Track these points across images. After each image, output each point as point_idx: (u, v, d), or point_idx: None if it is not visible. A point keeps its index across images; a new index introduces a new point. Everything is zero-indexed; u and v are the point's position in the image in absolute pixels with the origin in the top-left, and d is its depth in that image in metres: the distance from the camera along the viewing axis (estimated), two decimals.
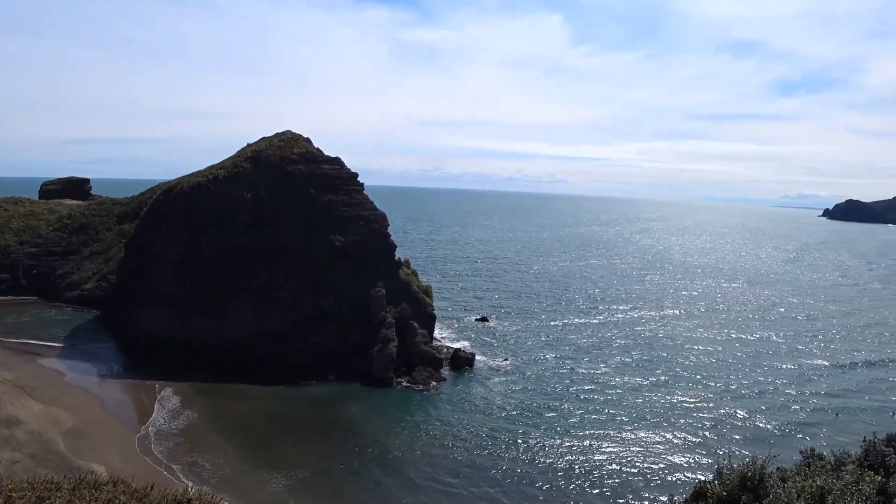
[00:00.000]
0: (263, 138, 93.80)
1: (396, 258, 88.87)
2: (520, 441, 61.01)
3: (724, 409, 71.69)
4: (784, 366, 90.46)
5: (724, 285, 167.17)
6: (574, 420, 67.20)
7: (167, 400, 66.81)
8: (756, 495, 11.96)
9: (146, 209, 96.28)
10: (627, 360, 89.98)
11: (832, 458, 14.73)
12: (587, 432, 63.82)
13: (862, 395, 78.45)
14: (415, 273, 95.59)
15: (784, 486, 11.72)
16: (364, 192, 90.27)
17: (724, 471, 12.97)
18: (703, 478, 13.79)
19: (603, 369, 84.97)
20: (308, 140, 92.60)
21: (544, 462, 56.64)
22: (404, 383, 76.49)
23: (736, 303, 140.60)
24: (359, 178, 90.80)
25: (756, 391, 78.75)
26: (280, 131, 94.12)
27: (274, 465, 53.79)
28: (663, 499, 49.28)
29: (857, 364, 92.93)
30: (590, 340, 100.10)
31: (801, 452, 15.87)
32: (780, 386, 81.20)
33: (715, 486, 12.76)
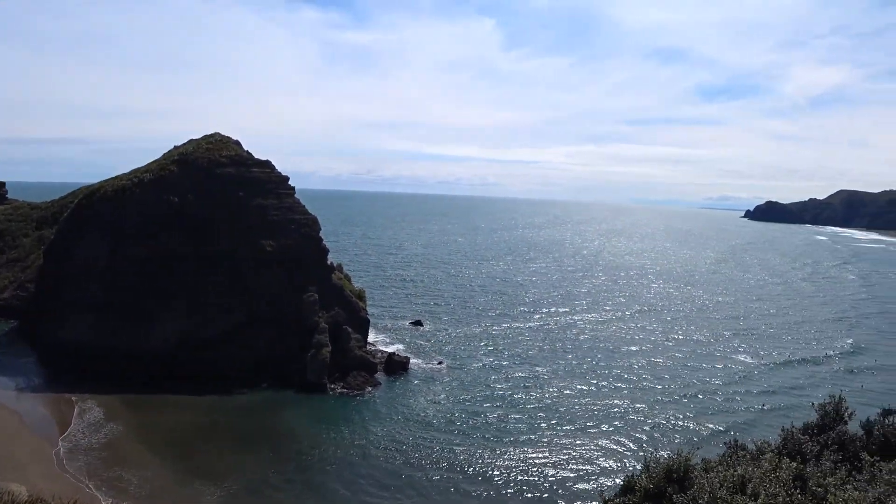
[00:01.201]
0: (191, 140, 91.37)
1: (329, 262, 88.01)
2: (455, 446, 61.01)
3: (657, 409, 73.44)
4: (716, 365, 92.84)
5: (657, 287, 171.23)
6: (509, 424, 67.59)
7: (90, 413, 64.20)
8: (681, 486, 12.29)
9: (67, 214, 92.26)
10: (562, 362, 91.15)
11: (753, 448, 15.27)
12: (522, 436, 64.23)
13: (789, 391, 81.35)
14: (348, 277, 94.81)
15: (707, 477, 12.10)
16: (295, 195, 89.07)
17: (651, 464, 13.27)
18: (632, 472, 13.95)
19: (537, 371, 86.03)
20: (237, 143, 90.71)
21: (479, 467, 56.65)
22: (339, 389, 75.68)
23: (669, 304, 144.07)
24: (290, 182, 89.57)
25: (688, 390, 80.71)
26: (208, 133, 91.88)
27: (206, 476, 52.36)
28: (595, 496, 50.38)
29: (785, 361, 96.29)
30: (524, 343, 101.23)
31: (725, 444, 16.39)
32: (712, 384, 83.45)
33: (642, 479, 13.08)
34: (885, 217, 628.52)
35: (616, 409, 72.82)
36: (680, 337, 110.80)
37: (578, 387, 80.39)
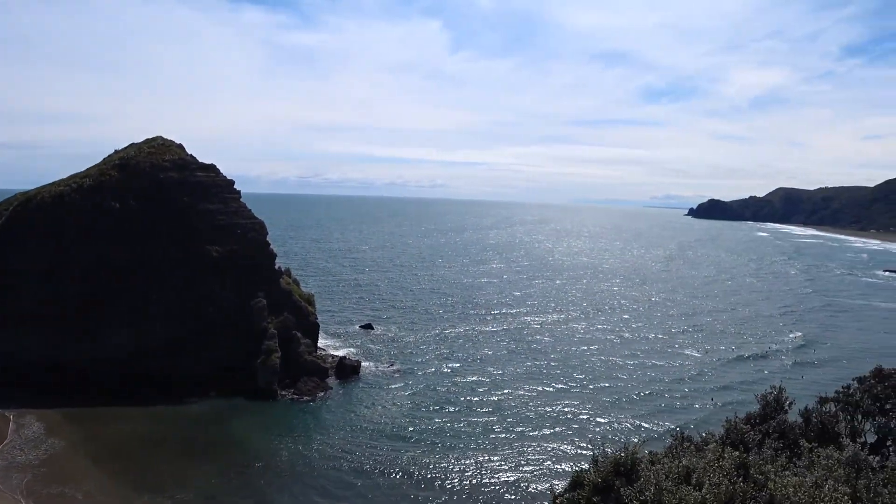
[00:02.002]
0: (132, 144, 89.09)
1: (277, 267, 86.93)
2: (407, 451, 60.63)
3: (609, 408, 74.09)
4: (670, 362, 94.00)
5: (608, 286, 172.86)
6: (462, 427, 67.48)
7: (29, 428, 61.79)
8: (629, 479, 12.57)
9: (2, 222, 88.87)
10: (515, 364, 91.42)
11: (699, 440, 15.71)
12: (475, 439, 64.18)
13: (740, 386, 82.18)
14: (296, 282, 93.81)
15: (653, 469, 12.40)
16: (241, 199, 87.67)
17: (599, 459, 13.53)
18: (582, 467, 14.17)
19: (490, 373, 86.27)
20: (181, 146, 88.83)
21: (432, 473, 56.20)
22: (289, 395, 74.77)
23: (621, 303, 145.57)
24: (235, 186, 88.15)
25: (640, 389, 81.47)
26: (150, 137, 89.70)
27: (154, 489, 51.10)
28: (541, 486, 50.98)
29: (737, 357, 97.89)
30: (477, 345, 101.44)
31: (671, 436, 16.80)
32: (665, 382, 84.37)
33: (590, 473, 13.33)
34: (821, 213, 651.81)
35: (569, 409, 73.29)
36: (633, 335, 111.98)
37: (532, 388, 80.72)
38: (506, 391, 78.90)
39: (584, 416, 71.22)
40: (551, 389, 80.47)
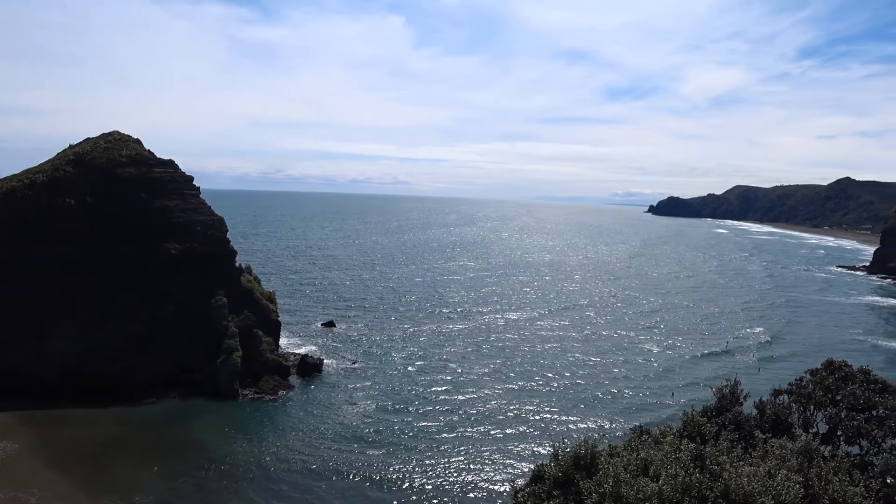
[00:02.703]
0: (88, 139, 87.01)
1: (237, 265, 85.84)
2: (369, 450, 60.49)
3: (573, 404, 74.68)
4: (636, 359, 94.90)
5: (573, 283, 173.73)
6: (424, 424, 67.47)
7: None
8: (588, 473, 12.69)
9: None
10: (477, 361, 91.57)
11: (657, 433, 15.92)
12: (437, 436, 64.23)
13: (706, 381, 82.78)
14: (257, 279, 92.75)
15: (612, 462, 12.56)
16: (201, 196, 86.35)
17: (559, 453, 13.64)
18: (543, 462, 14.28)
19: (453, 370, 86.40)
20: (138, 141, 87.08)
21: (395, 473, 55.99)
22: (251, 394, 73.96)
23: (586, 300, 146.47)
24: (195, 182, 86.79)
25: (605, 386, 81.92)
26: (107, 132, 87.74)
27: (112, 492, 50.13)
28: (504, 486, 51.14)
29: (703, 354, 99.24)
30: (439, 342, 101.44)
31: (630, 430, 17.02)
32: (630, 379, 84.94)
33: (551, 467, 13.43)
34: (777, 210, 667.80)
35: (533, 408, 73.34)
36: (597, 333, 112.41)
37: (496, 386, 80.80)
38: (469, 390, 78.82)
39: (548, 415, 71.35)
40: (515, 388, 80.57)
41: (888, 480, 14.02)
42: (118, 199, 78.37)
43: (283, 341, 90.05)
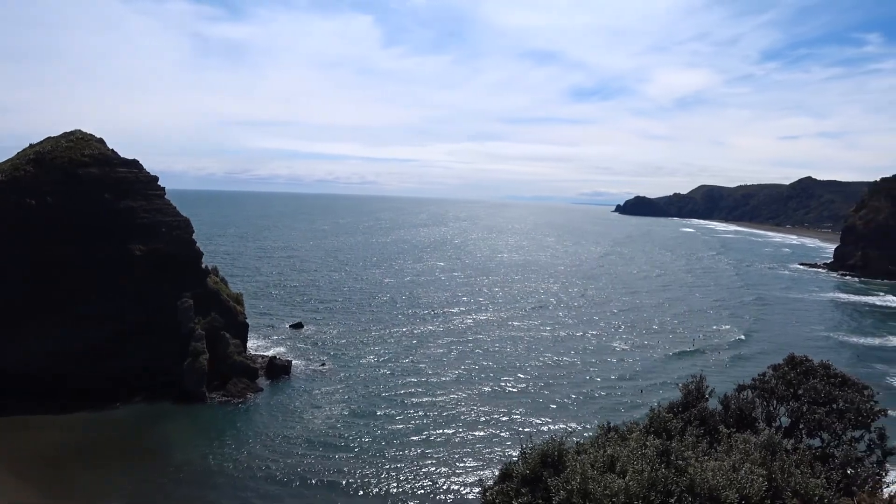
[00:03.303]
0: (49, 138, 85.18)
1: (203, 266, 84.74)
2: (338, 452, 59.96)
3: (543, 406, 74.36)
4: (606, 360, 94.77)
5: (545, 283, 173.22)
6: (392, 425, 67.14)
7: None
8: (556, 470, 12.74)
9: None
10: (447, 362, 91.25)
11: (624, 429, 16.07)
12: (406, 438, 63.87)
13: (675, 381, 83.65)
14: (224, 281, 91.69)
15: (579, 459, 12.63)
16: (166, 196, 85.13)
17: (527, 451, 13.68)
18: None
19: (422, 371, 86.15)
20: (101, 140, 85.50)
21: (364, 478, 55.43)
22: (218, 397, 73.07)
23: (557, 300, 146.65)
24: (160, 182, 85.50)
25: (575, 388, 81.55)
26: (68, 130, 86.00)
27: (78, 498, 49.34)
28: (475, 489, 51.05)
29: (676, 353, 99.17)
30: (410, 344, 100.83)
31: (598, 427, 17.15)
32: (601, 380, 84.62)
33: (519, 465, 13.47)
34: (741, 209, 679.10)
35: (503, 409, 72.83)
36: (568, 333, 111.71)
37: (465, 386, 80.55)
38: (439, 392, 78.37)
39: (518, 416, 70.89)
40: (486, 389, 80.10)
41: (848, 471, 14.33)
42: (80, 199, 76.88)
43: (251, 343, 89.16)
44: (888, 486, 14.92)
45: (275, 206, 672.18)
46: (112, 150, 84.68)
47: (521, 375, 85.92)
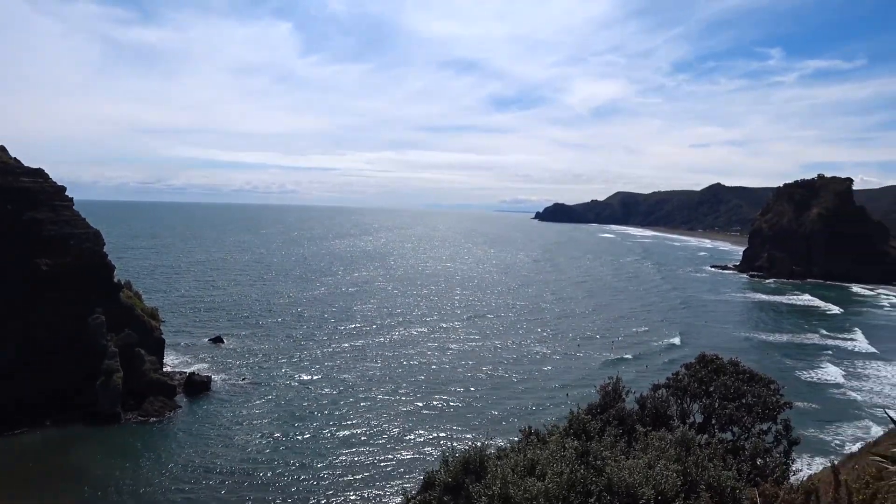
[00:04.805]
0: None
1: (116, 280, 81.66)
2: (260, 471, 58.53)
3: (471, 416, 74.21)
4: (538, 368, 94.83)
5: (471, 293, 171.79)
6: (316, 440, 66.08)
7: None
8: (478, 476, 12.78)
9: None
10: (372, 374, 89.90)
11: (544, 433, 16.25)
12: (329, 452, 62.96)
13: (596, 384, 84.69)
14: (138, 295, 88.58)
15: (500, 464, 12.70)
16: (74, 207, 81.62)
17: (449, 458, 13.67)
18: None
19: (345, 383, 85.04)
20: (2, 148, 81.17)
21: (287, 494, 54.36)
22: (134, 417, 70.35)
23: (485, 308, 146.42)
24: (67, 193, 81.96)
25: (504, 394, 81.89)
26: None
27: None
28: (397, 500, 50.76)
29: (614, 360, 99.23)
30: (333, 357, 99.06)
31: (520, 431, 17.29)
32: (530, 389, 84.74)
33: (441, 473, 13.44)
34: (655, 215, 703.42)
35: (431, 421, 72.36)
36: (501, 343, 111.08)
37: (390, 399, 79.68)
38: (364, 405, 77.22)
39: (447, 432, 69.33)
40: (419, 404, 78.89)
41: (757, 462, 14.90)
42: None
43: (168, 359, 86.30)
44: (794, 474, 15.60)
45: (192, 217, 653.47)
46: (14, 158, 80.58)
47: (453, 388, 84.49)
